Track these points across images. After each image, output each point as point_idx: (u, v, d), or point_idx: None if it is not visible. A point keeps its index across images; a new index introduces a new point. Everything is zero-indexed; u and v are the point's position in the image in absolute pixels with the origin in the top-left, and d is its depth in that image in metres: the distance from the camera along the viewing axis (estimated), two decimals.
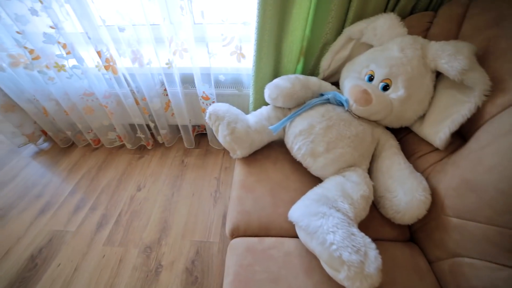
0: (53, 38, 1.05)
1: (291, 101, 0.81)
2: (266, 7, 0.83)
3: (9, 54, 1.12)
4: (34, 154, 1.56)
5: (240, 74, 1.20)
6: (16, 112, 1.39)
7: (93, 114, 1.34)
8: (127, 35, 1.03)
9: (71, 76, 1.17)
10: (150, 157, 1.45)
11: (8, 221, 1.20)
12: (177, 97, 1.23)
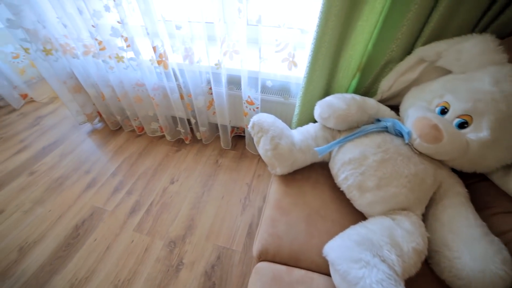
0: (118, 32, 1.11)
1: (344, 123, 0.74)
2: (328, 17, 0.77)
3: (84, 44, 1.23)
4: (90, 132, 1.71)
5: (288, 82, 1.15)
6: (82, 94, 1.53)
7: (141, 103, 1.41)
8: (182, 33, 1.04)
9: (127, 67, 1.24)
10: (187, 152, 1.49)
11: (63, 190, 1.34)
12: (221, 97, 1.23)
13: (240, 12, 0.92)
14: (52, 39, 1.27)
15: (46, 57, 1.33)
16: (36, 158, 1.55)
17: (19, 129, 1.79)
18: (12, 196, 1.33)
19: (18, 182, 1.40)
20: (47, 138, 1.70)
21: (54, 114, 1.92)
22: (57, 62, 1.37)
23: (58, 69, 1.40)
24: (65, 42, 1.28)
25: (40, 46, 1.29)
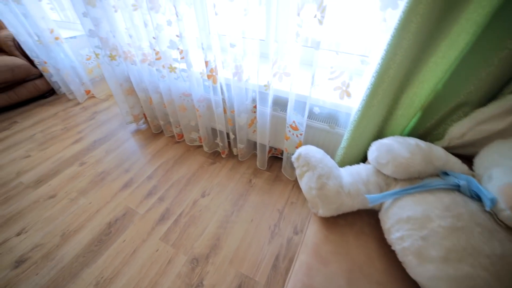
0: (175, 44, 1.16)
1: (404, 173, 0.64)
2: (397, 51, 0.69)
3: (143, 53, 1.31)
4: (134, 131, 1.82)
5: (337, 111, 1.08)
6: (133, 96, 1.64)
7: (185, 112, 1.44)
8: (235, 51, 1.04)
9: (178, 77, 1.28)
10: (221, 166, 1.48)
11: (104, 185, 1.42)
12: (264, 117, 1.20)
13: (297, 37, 0.88)
14: (118, 47, 1.38)
15: (111, 62, 1.44)
16: (87, 150, 1.68)
17: (79, 121, 1.97)
18: (64, 183, 1.45)
19: (70, 170, 1.53)
20: (99, 132, 1.84)
21: (108, 111, 2.09)
22: (118, 66, 1.48)
23: (118, 72, 1.51)
24: (127, 50, 1.38)
25: (108, 52, 1.41)
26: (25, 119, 2.07)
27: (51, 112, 2.14)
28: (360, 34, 0.98)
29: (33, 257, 1.12)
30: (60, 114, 2.10)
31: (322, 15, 0.78)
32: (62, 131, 1.89)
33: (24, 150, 1.73)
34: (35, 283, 1.03)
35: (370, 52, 0.87)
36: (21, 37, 1.98)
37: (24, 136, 1.87)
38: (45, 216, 1.29)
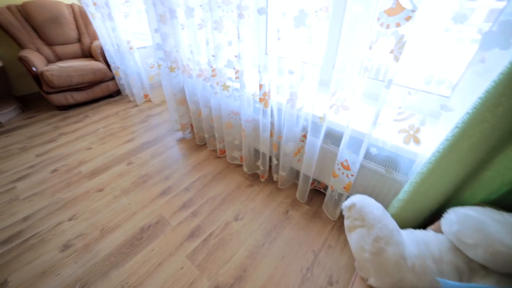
0: (232, 64, 1.17)
1: (505, 267, 0.49)
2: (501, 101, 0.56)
3: (200, 68, 1.36)
4: (179, 139, 1.89)
5: (398, 155, 0.94)
6: (184, 106, 1.71)
7: (230, 129, 1.44)
8: (293, 77, 0.99)
9: (230, 96, 1.28)
10: (259, 190, 1.42)
11: (144, 188, 1.48)
12: (313, 148, 1.12)
13: (365, 71, 0.80)
14: (178, 60, 1.46)
15: (170, 73, 1.54)
16: (136, 150, 1.80)
17: (134, 122, 2.15)
18: (111, 179, 1.56)
19: (118, 168, 1.64)
20: (148, 135, 1.96)
21: (159, 116, 2.24)
22: (175, 78, 1.57)
23: (174, 83, 1.60)
24: (187, 64, 1.45)
25: (169, 64, 1.50)
26: (95, 114, 2.33)
27: (114, 110, 2.37)
28: (442, 74, 0.85)
29: (76, 244, 1.19)
30: (121, 113, 2.31)
31: (399, 51, 0.68)
32: (119, 129, 2.06)
33: (88, 142, 1.92)
34: (73, 271, 1.09)
35: (453, 96, 0.73)
36: (106, 46, 2.28)
37: (91, 129, 2.09)
38: (92, 207, 1.38)
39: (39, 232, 1.27)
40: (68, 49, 2.57)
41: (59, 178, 1.60)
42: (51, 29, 2.42)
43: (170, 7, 1.28)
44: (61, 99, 2.33)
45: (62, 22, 2.45)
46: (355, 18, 0.78)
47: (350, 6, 0.76)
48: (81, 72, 2.26)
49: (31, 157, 1.81)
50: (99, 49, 2.38)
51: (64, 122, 2.23)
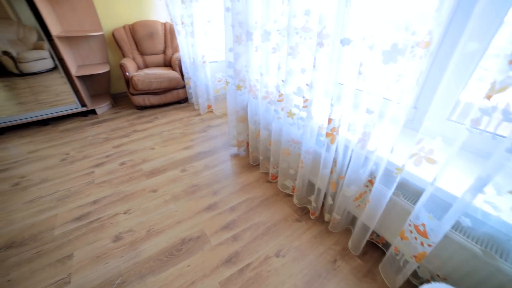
0: (301, 92, 1.12)
1: None
2: None
3: (266, 91, 1.35)
4: (233, 155, 1.90)
5: (510, 238, 0.71)
6: (244, 124, 1.73)
7: (287, 157, 1.37)
8: (369, 116, 0.88)
9: (293, 124, 1.22)
10: (306, 228, 1.30)
11: (192, 198, 1.51)
12: (380, 199, 0.95)
13: (475, 124, 0.63)
14: (246, 80, 1.48)
15: (236, 90, 1.57)
16: (191, 159, 1.88)
17: (195, 130, 2.28)
18: (165, 182, 1.65)
19: (173, 173, 1.73)
20: (205, 145, 2.04)
21: (218, 128, 2.32)
22: (240, 96, 1.59)
23: (238, 100, 1.63)
24: (254, 84, 1.45)
25: (236, 82, 1.54)
26: (163, 117, 2.58)
27: (180, 116, 2.58)
28: None
29: (125, 238, 1.27)
30: (185, 120, 2.49)
31: None
32: (181, 135, 2.21)
33: (153, 143, 2.11)
34: (117, 265, 1.15)
35: None
36: (184, 58, 2.53)
37: (157, 131, 2.31)
38: (144, 206, 1.47)
39: (101, 218, 1.40)
40: (154, 59, 2.95)
41: (124, 171, 1.77)
42: (147, 42, 2.82)
43: (248, 30, 1.32)
44: (140, 100, 2.66)
45: (155, 37, 2.84)
46: (466, 56, 0.63)
47: (463, 42, 0.62)
48: (160, 79, 2.54)
49: (109, 148, 2.08)
50: (178, 61, 2.66)
51: (138, 121, 2.52)
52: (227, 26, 1.49)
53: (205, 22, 2.24)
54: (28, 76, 2.31)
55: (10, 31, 2.11)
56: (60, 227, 1.37)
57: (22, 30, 2.15)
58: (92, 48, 2.76)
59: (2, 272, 1.15)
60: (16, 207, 1.52)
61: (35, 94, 2.44)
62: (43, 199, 1.57)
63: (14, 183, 1.73)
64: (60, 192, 1.62)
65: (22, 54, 2.23)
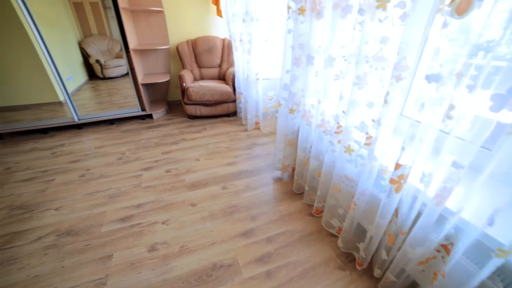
0: (365, 128, 0.98)
1: None
2: None
3: (322, 119, 1.25)
4: (276, 179, 1.82)
5: None
6: (292, 148, 1.64)
7: (338, 193, 1.22)
8: (455, 169, 0.70)
9: (350, 161, 1.09)
10: (350, 280, 1.12)
11: (229, 220, 1.46)
12: (462, 276, 0.75)
13: None
14: (301, 104, 1.40)
15: (288, 114, 1.50)
16: (233, 176, 1.85)
17: (240, 146, 2.27)
18: (205, 197, 1.64)
19: (214, 189, 1.72)
20: (249, 164, 2.00)
21: (264, 147, 2.27)
22: (292, 120, 1.51)
23: (289, 124, 1.55)
24: (309, 110, 1.36)
25: (290, 106, 1.47)
26: (211, 128, 2.65)
27: (227, 129, 2.61)
28: None
29: (160, 250, 1.27)
30: (231, 134, 2.51)
31: None
32: (226, 150, 2.22)
33: (198, 154, 2.16)
34: (148, 277, 1.14)
35: None
36: (238, 73, 2.60)
37: (204, 142, 2.36)
38: (182, 219, 1.47)
39: (141, 223, 1.45)
40: (210, 72, 3.10)
41: (168, 180, 1.83)
42: (205, 56, 3.00)
43: (309, 53, 1.25)
44: (192, 110, 2.79)
45: (214, 51, 2.99)
46: None
47: None
48: (213, 92, 2.64)
49: (158, 153, 2.19)
50: (232, 75, 2.73)
51: (188, 129, 2.64)
52: (287, 47, 1.45)
53: (263, 40, 2.25)
54: (108, 80, 2.72)
55: (104, 43, 2.52)
56: (107, 225, 1.45)
57: (111, 42, 2.52)
58: (158, 59, 3.04)
59: (59, 257, 1.26)
60: (79, 197, 1.68)
61: (110, 96, 2.82)
62: (99, 194, 1.71)
63: (81, 174, 1.93)
64: (112, 190, 1.74)
65: (107, 62, 2.62)
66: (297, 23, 1.28)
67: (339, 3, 1.01)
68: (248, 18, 2.15)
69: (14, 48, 2.23)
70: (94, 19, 2.42)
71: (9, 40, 2.19)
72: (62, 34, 2.41)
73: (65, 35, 2.43)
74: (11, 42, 2.20)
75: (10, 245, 1.35)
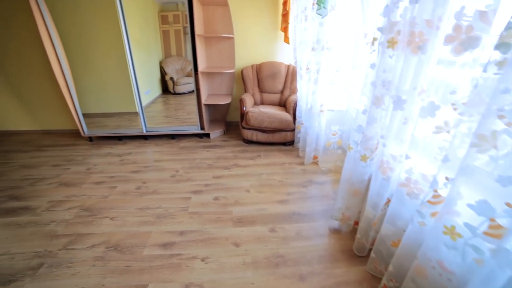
0: (489, 212, 0.68)
1: None
2: None
3: (408, 178, 0.98)
4: (333, 230, 1.54)
5: None
6: (356, 198, 1.37)
7: (421, 279, 0.91)
8: None
9: (454, 248, 0.78)
10: None
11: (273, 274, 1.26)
12: None
13: None
14: (376, 152, 1.15)
15: (359, 160, 1.26)
16: (284, 218, 1.65)
17: (294, 182, 2.06)
18: (250, 239, 1.47)
19: (261, 230, 1.54)
20: (302, 205, 1.77)
21: (321, 187, 2.01)
22: (363, 168, 1.27)
23: (358, 171, 1.30)
24: (387, 160, 1.10)
25: (362, 151, 1.24)
26: (265, 157, 2.52)
27: (282, 160, 2.45)
28: None
29: None
30: (286, 166, 2.34)
31: None
32: (278, 184, 2.05)
33: (249, 184, 2.04)
34: None
35: None
36: (300, 102, 2.46)
37: (257, 171, 2.24)
38: (222, 260, 1.33)
39: (181, 255, 1.36)
40: (271, 97, 3.05)
41: (215, 208, 1.75)
42: (268, 81, 2.98)
43: (398, 95, 1.01)
44: (249, 135, 2.74)
45: (277, 77, 2.95)
46: None
47: None
48: (272, 119, 2.55)
49: (210, 176, 2.16)
50: (293, 103, 2.61)
51: (242, 154, 2.58)
52: (366, 83, 1.24)
53: (333, 71, 2.08)
54: (177, 95, 2.97)
55: (179, 63, 2.80)
56: (149, 248, 1.42)
57: (184, 62, 2.76)
58: (222, 81, 3.16)
59: (102, 273, 1.26)
60: (131, 210, 1.74)
61: (176, 110, 3.06)
62: (148, 211, 1.73)
63: (137, 186, 2.03)
64: (161, 209, 1.74)
65: (179, 79, 2.88)
66: (384, 57, 1.08)
67: (457, 36, 0.77)
68: (318, 46, 2.02)
69: (113, 65, 2.62)
70: (175, 43, 2.72)
71: (111, 58, 2.59)
72: (149, 55, 2.77)
73: (151, 55, 2.78)
74: (112, 60, 2.60)
75: (73, 246, 1.44)
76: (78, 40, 2.51)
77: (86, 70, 2.66)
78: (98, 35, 2.50)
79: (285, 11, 2.72)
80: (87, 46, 2.54)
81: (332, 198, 1.83)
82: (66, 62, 2.58)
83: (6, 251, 1.42)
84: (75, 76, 2.67)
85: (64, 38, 2.48)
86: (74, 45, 2.53)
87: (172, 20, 2.63)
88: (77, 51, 2.56)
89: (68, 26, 2.45)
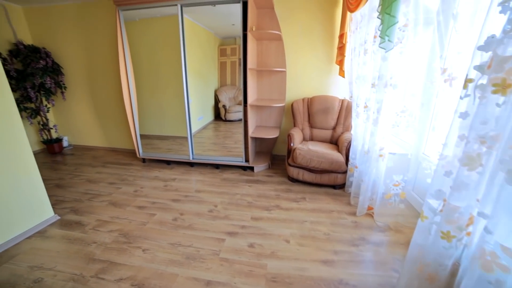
0: None
1: None
2: None
3: None
4: None
5: None
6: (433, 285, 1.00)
7: None
8: None
9: None
10: None
11: None
12: None
13: None
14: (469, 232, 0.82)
15: (439, 238, 0.93)
16: (328, 283, 1.34)
17: (343, 238, 1.73)
18: None
19: None
20: (351, 270, 1.43)
21: (376, 249, 1.63)
22: (446, 250, 0.93)
23: (435, 250, 0.97)
24: (492, 251, 0.76)
25: (444, 226, 0.92)
26: (311, 200, 2.25)
27: (330, 207, 2.14)
28: None
29: None
30: (334, 215, 2.02)
31: None
32: (324, 236, 1.75)
33: (290, 232, 1.79)
34: None
35: None
36: (355, 142, 2.18)
37: (299, 217, 1.99)
38: None
39: None
40: (322, 133, 2.82)
41: (248, 258, 1.55)
42: (320, 116, 2.79)
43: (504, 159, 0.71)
44: (294, 173, 2.53)
45: (330, 112, 2.74)
46: None
47: None
48: (321, 159, 2.30)
49: (248, 217, 2.00)
50: (347, 143, 2.33)
51: (285, 195, 2.36)
52: (451, 135, 0.96)
53: (398, 111, 1.78)
54: (228, 122, 3.05)
55: (232, 92, 2.92)
56: None
57: (237, 91, 2.84)
58: (271, 113, 3.09)
59: None
60: (163, 244, 1.67)
61: (224, 138, 3.11)
62: (179, 248, 1.63)
63: (174, 218, 1.99)
64: (192, 248, 1.63)
65: (230, 107, 2.97)
66: (485, 105, 0.81)
67: None
68: (380, 83, 1.77)
69: (172, 93, 2.87)
70: (230, 73, 2.87)
71: (172, 87, 2.85)
72: (206, 84, 2.98)
73: (208, 84, 2.97)
74: (172, 88, 2.85)
75: (103, 275, 1.42)
76: (148, 69, 2.89)
77: (149, 96, 2.99)
78: (164, 66, 2.82)
79: (342, 44, 2.58)
80: (153, 75, 2.89)
81: (392, 269, 1.44)
82: (134, 88, 2.96)
83: (53, 266, 1.49)
84: (139, 100, 3.02)
85: (136, 67, 2.91)
86: (143, 73, 2.91)
87: (230, 53, 2.79)
88: (145, 79, 2.93)
89: (140, 57, 2.86)
